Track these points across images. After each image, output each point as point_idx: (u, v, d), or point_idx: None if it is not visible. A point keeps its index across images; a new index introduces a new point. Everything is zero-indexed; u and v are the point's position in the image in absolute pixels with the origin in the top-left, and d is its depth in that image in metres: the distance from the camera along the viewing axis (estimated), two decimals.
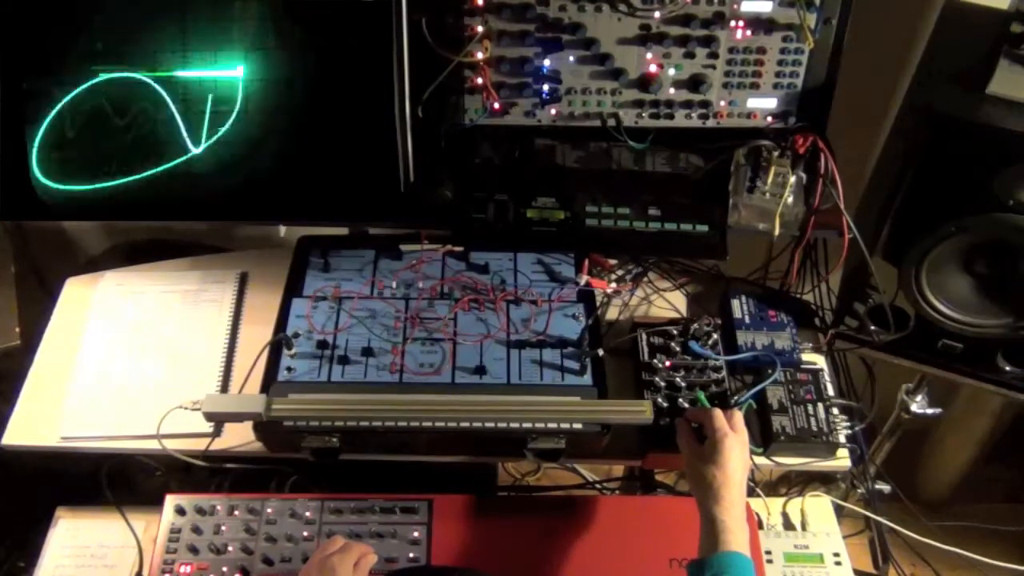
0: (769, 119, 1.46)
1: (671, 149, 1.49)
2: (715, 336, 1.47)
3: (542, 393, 1.35)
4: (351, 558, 1.22)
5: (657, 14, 1.37)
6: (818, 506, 1.49)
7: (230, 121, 1.41)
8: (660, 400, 1.39)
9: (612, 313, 1.59)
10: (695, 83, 1.42)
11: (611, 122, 1.45)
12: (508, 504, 1.62)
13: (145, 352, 1.50)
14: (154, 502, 1.41)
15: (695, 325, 1.47)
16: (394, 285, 1.49)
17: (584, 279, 1.50)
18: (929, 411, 1.71)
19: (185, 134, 1.41)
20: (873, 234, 1.36)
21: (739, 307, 1.54)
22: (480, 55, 1.40)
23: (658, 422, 1.34)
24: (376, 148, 1.40)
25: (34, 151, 1.40)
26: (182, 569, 1.33)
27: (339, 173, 1.43)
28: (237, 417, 1.32)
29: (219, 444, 1.39)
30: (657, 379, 1.42)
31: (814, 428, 1.39)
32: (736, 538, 1.13)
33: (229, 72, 1.39)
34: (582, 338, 1.42)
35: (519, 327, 1.44)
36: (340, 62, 1.37)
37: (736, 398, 1.41)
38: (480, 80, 1.42)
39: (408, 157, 1.41)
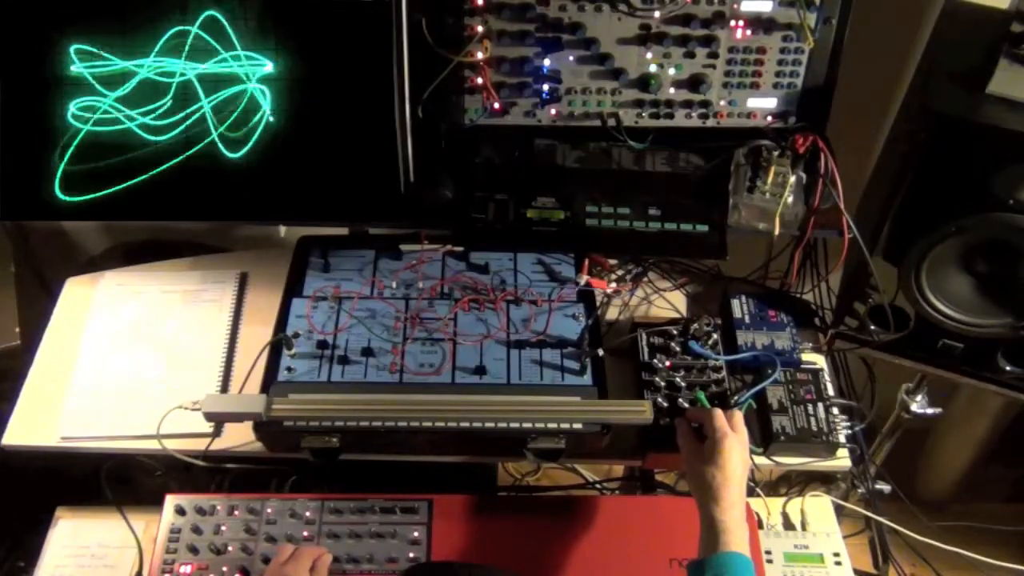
0: (769, 119, 1.46)
1: (671, 149, 1.49)
2: (715, 336, 1.47)
3: (542, 393, 1.35)
4: (305, 563, 1.23)
5: (657, 14, 1.37)
6: (818, 506, 1.49)
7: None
8: (660, 400, 1.39)
9: (612, 313, 1.59)
10: (695, 83, 1.42)
11: (611, 122, 1.45)
12: (508, 504, 1.62)
13: (145, 352, 1.50)
14: (154, 502, 1.41)
15: (695, 325, 1.47)
16: (394, 285, 1.49)
17: (584, 279, 1.50)
18: (929, 411, 1.72)
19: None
20: (873, 234, 1.36)
21: (739, 307, 1.53)
22: (480, 55, 1.40)
23: (658, 422, 1.34)
24: (376, 148, 1.40)
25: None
26: (182, 569, 1.33)
27: (339, 173, 1.43)
28: (237, 417, 1.32)
29: (219, 444, 1.40)
30: (657, 379, 1.41)
31: (814, 428, 1.39)
32: (736, 538, 1.13)
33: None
34: (582, 338, 1.42)
35: (519, 327, 1.44)
36: (340, 62, 1.37)
37: (736, 398, 1.40)
38: (480, 80, 1.42)
39: (408, 157, 1.41)
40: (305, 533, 1.36)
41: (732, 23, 1.37)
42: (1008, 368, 1.41)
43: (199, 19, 1.36)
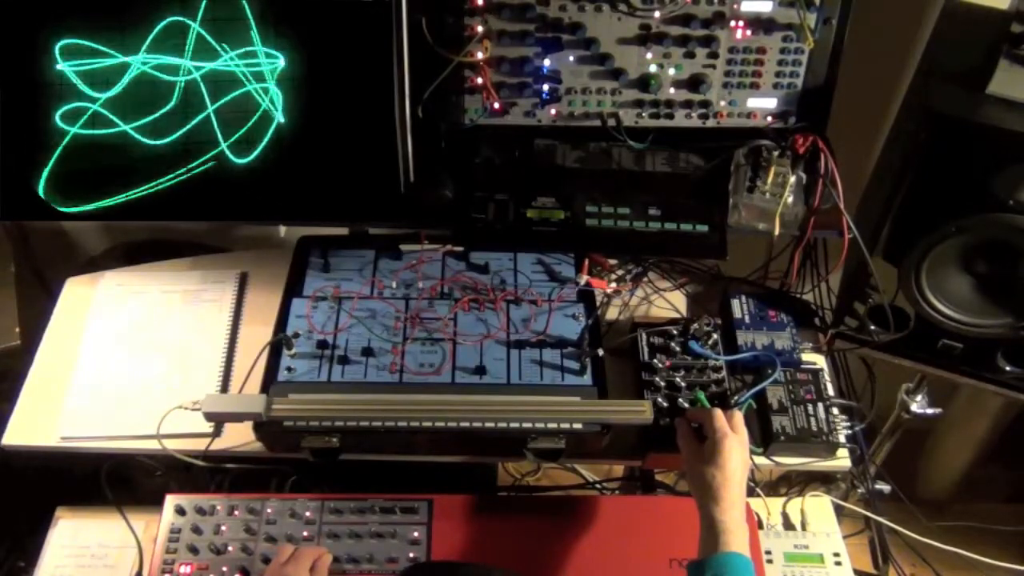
0: (769, 119, 1.46)
1: (671, 149, 1.49)
2: (715, 336, 1.47)
3: (542, 393, 1.35)
4: (305, 563, 1.23)
5: (657, 14, 1.37)
6: (818, 506, 1.49)
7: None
8: (660, 400, 1.39)
9: (612, 313, 1.59)
10: (695, 83, 1.42)
11: (611, 122, 1.45)
12: (508, 504, 1.62)
13: (145, 352, 1.50)
14: (154, 502, 1.41)
15: (695, 325, 1.47)
16: (394, 285, 1.49)
17: (584, 279, 1.50)
18: (929, 411, 1.71)
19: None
20: (873, 234, 1.36)
21: (739, 307, 1.53)
22: (480, 55, 1.40)
23: (658, 422, 1.34)
24: (376, 148, 1.40)
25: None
26: (182, 569, 1.33)
27: (339, 173, 1.43)
28: (237, 417, 1.32)
29: (219, 444, 1.40)
30: (657, 379, 1.41)
31: (814, 428, 1.39)
32: (736, 539, 1.13)
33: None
34: (582, 338, 1.42)
35: (519, 327, 1.44)
36: (340, 62, 1.37)
37: (736, 398, 1.40)
38: (480, 80, 1.42)
39: (408, 157, 1.41)
40: (305, 533, 1.36)
41: (732, 23, 1.37)
42: (1008, 368, 1.41)
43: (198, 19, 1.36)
